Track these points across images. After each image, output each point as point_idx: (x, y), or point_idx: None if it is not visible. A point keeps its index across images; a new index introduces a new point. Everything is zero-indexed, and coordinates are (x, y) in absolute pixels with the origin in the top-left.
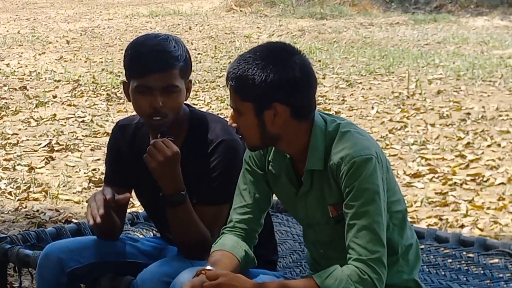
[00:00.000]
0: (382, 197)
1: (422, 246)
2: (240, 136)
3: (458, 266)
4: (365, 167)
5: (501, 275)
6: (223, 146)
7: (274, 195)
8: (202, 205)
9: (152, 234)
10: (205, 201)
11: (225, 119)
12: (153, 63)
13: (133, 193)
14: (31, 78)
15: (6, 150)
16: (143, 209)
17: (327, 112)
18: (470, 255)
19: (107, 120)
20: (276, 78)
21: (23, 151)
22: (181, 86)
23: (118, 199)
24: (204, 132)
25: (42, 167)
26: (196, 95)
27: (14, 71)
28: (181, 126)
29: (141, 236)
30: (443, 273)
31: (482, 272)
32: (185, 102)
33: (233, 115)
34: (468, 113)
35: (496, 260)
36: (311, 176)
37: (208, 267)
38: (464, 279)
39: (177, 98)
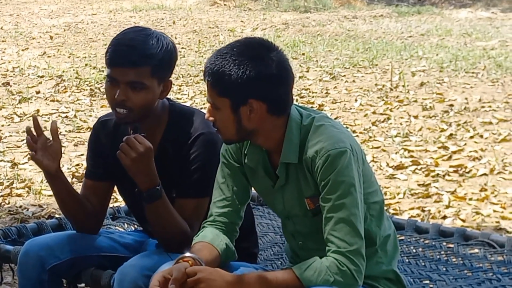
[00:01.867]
0: (358, 189)
1: (402, 237)
2: (216, 130)
3: (438, 256)
4: (340, 160)
5: (480, 265)
6: (201, 139)
7: (253, 188)
8: (181, 199)
9: (133, 228)
10: (184, 194)
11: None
12: (120, 57)
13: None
14: (14, 74)
15: None
16: (124, 204)
17: (304, 105)
18: (450, 245)
19: (90, 116)
20: (252, 75)
21: (6, 147)
22: (151, 84)
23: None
24: (183, 126)
25: (25, 163)
26: (179, 89)
27: None
28: (159, 120)
29: (122, 230)
30: (423, 263)
31: (461, 262)
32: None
33: (210, 109)
34: (451, 105)
35: (476, 250)
36: (286, 169)
37: (188, 254)
38: (444, 269)
39: (143, 95)
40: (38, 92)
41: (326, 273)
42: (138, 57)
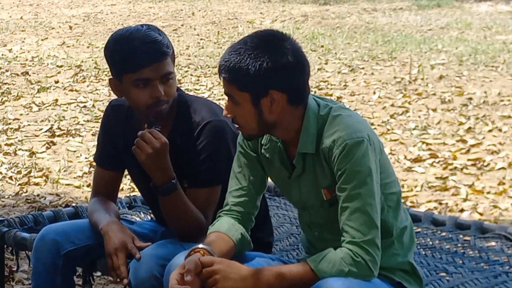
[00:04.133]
0: (374, 179)
1: (419, 230)
2: (237, 126)
3: (455, 249)
4: (357, 149)
5: (497, 258)
6: (209, 127)
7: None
8: (193, 188)
9: (149, 218)
10: (196, 184)
11: (213, 102)
12: (149, 54)
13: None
14: (33, 64)
15: (7, 135)
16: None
17: (323, 96)
18: (467, 238)
19: None
20: (270, 66)
21: (25, 136)
22: (174, 72)
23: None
24: (192, 115)
25: (43, 152)
26: (198, 80)
27: (17, 56)
28: (170, 111)
29: (139, 219)
30: (439, 256)
31: (478, 255)
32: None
33: (228, 105)
34: (470, 98)
35: (493, 243)
36: (303, 159)
37: (200, 246)
38: (460, 262)
39: (173, 84)
40: (57, 82)
41: (341, 264)
42: (162, 49)
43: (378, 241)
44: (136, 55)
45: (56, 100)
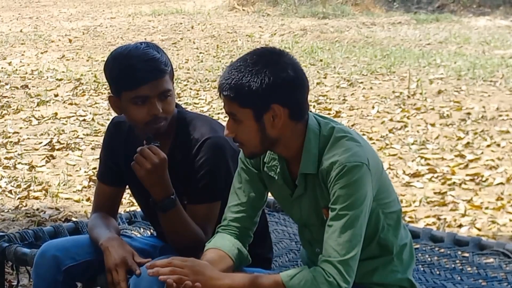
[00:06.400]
0: (366, 205)
1: (418, 246)
2: (238, 145)
3: (453, 265)
4: (354, 173)
5: (495, 274)
6: (208, 144)
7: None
8: (192, 205)
9: (149, 233)
10: (195, 200)
11: (213, 119)
12: (147, 72)
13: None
14: (33, 77)
15: (7, 149)
16: (139, 209)
17: (322, 114)
18: (465, 254)
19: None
20: (272, 80)
21: (24, 150)
22: (173, 89)
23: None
24: (191, 132)
25: (42, 165)
26: (197, 94)
27: (16, 69)
28: (169, 128)
29: (139, 235)
30: (437, 272)
31: (476, 271)
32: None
33: (230, 124)
34: (469, 113)
35: (491, 260)
36: (305, 179)
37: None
38: (459, 278)
39: (172, 101)
40: (56, 95)
41: (313, 282)
42: (160, 67)
43: (354, 263)
44: (134, 72)
45: (56, 113)
